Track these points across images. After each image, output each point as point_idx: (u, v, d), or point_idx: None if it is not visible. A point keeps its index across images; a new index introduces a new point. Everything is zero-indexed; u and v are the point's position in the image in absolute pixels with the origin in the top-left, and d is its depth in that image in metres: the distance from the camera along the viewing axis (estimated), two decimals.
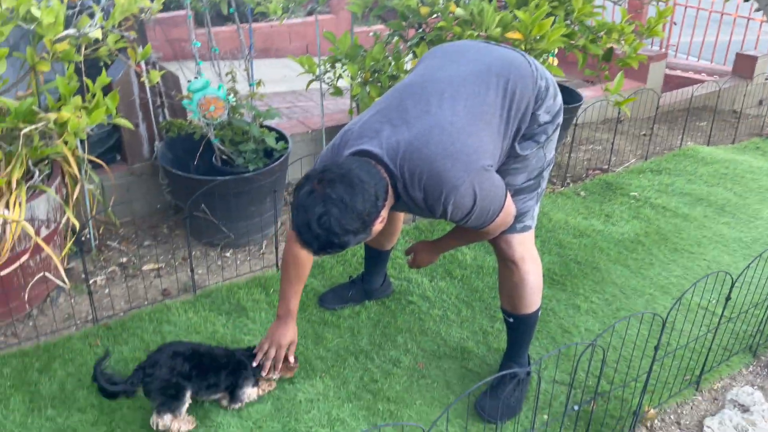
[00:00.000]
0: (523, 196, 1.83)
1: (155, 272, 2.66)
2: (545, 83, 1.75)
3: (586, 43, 2.86)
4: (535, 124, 1.74)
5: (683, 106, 4.96)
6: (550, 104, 1.76)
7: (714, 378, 2.17)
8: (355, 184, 1.51)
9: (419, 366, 2.18)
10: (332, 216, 1.49)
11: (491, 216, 1.68)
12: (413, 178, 1.59)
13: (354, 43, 2.82)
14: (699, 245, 2.95)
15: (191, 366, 1.85)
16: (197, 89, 2.58)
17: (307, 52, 6.70)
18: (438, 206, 1.60)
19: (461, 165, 1.57)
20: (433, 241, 2.09)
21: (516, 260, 1.88)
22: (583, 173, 3.72)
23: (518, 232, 1.85)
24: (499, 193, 1.66)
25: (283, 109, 4.68)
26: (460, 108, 1.63)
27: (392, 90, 1.75)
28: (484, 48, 1.80)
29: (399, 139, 1.60)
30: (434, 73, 1.72)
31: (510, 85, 1.69)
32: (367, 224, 1.55)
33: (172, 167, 2.71)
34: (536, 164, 1.80)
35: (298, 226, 1.54)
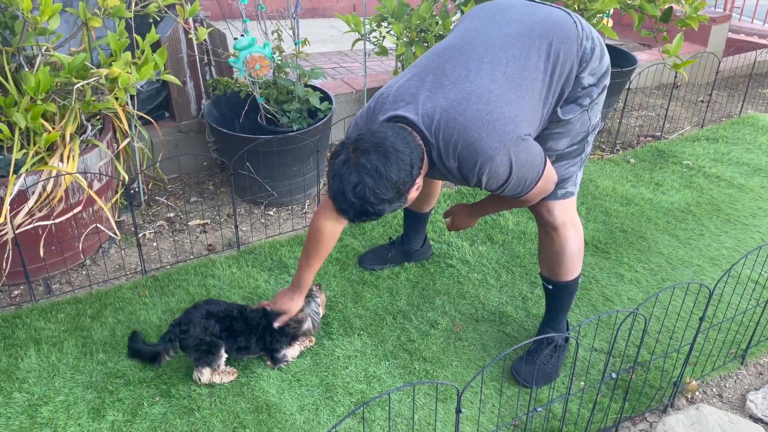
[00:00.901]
0: (565, 161, 1.78)
1: (201, 228, 2.73)
2: (591, 44, 1.67)
3: (642, 2, 2.73)
4: (579, 87, 1.68)
5: (745, 72, 4.71)
6: (595, 66, 1.68)
7: (760, 352, 2.11)
8: (390, 153, 1.50)
9: (456, 328, 2.19)
10: (367, 185, 1.49)
11: (528, 185, 1.64)
12: (448, 146, 1.57)
13: (401, 2, 2.77)
14: (754, 217, 2.84)
15: (223, 327, 1.90)
16: (243, 47, 2.59)
17: (354, 11, 6.62)
18: (472, 176, 1.58)
19: (497, 135, 1.53)
20: (472, 204, 2.06)
21: (557, 227, 1.83)
22: (633, 140, 3.60)
23: (559, 198, 1.80)
24: (537, 162, 1.61)
25: (329, 69, 4.66)
26: (500, 74, 1.58)
27: (430, 52, 1.70)
28: (527, 7, 1.72)
29: (435, 105, 1.57)
30: (474, 36, 1.66)
31: (553, 48, 1.62)
32: (402, 193, 1.55)
33: (218, 125, 2.75)
34: (580, 128, 1.74)
35: (334, 195, 1.54)
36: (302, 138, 2.66)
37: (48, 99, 2.13)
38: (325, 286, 2.35)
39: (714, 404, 1.94)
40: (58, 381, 1.93)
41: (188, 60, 2.88)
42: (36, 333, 2.10)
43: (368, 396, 1.92)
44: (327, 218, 1.88)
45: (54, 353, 2.02)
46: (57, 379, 1.94)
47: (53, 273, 2.39)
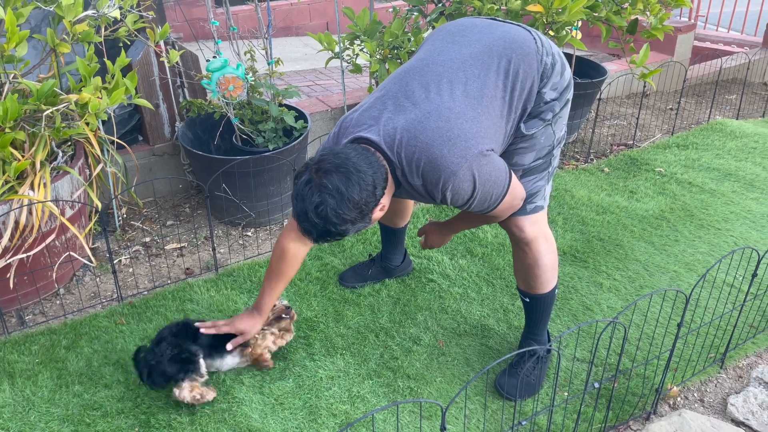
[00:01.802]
0: (533, 176, 1.79)
1: (178, 251, 2.70)
2: (551, 60, 1.71)
3: (609, 14, 2.78)
4: (541, 102, 1.71)
5: (711, 79, 4.83)
6: (556, 81, 1.71)
7: (739, 356, 2.13)
8: (352, 174, 1.51)
9: (439, 343, 2.18)
10: (329, 206, 1.50)
11: (495, 200, 1.66)
12: (411, 164, 1.58)
13: (373, 20, 2.79)
14: (726, 221, 2.89)
15: (195, 336, 1.92)
16: (216, 69, 2.59)
17: (327, 29, 6.65)
18: (437, 192, 1.60)
19: (458, 150, 1.55)
20: (444, 222, 2.08)
21: (529, 241, 1.85)
22: (606, 149, 3.66)
23: (529, 213, 1.82)
24: (501, 176, 1.63)
25: (304, 87, 4.67)
26: (459, 92, 1.61)
27: (393, 76, 1.73)
28: (487, 26, 1.75)
29: (396, 125, 1.59)
30: (435, 57, 1.69)
31: (513, 66, 1.65)
32: (365, 213, 1.56)
33: (192, 147, 2.73)
34: (545, 142, 1.76)
35: (298, 215, 1.56)
36: (278, 157, 2.65)
37: (17, 127, 2.10)
38: (306, 305, 2.33)
39: (696, 409, 1.95)
40: (33, 415, 1.88)
41: (160, 83, 2.86)
42: (9, 366, 2.04)
43: (352, 417, 1.90)
44: (291, 239, 1.88)
45: (29, 386, 1.97)
46: (32, 413, 1.89)
47: (26, 304, 2.33)
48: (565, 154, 3.56)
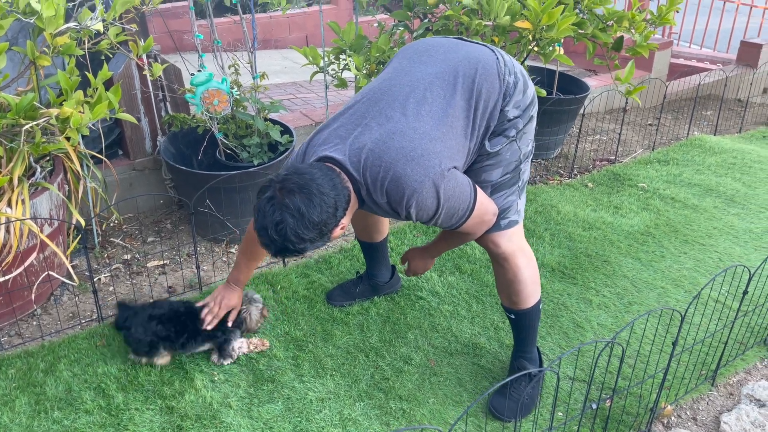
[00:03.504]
0: (503, 192, 1.81)
1: (160, 269, 2.62)
2: (513, 78, 1.74)
3: (595, 31, 2.80)
4: (505, 119, 1.74)
5: (688, 95, 4.92)
6: (519, 99, 1.74)
7: (729, 373, 2.14)
8: (314, 195, 1.54)
9: (431, 363, 2.14)
10: (288, 225, 1.53)
11: (462, 216, 1.69)
12: (375, 183, 1.61)
13: (359, 34, 2.77)
14: (710, 237, 2.92)
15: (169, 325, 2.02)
16: (200, 83, 2.53)
17: (306, 42, 6.63)
18: (401, 209, 1.63)
19: (422, 169, 1.58)
20: (424, 246, 2.11)
21: (507, 257, 1.85)
22: (590, 164, 3.68)
23: (504, 229, 1.83)
24: (464, 192, 1.66)
25: (285, 100, 4.63)
26: (424, 112, 1.64)
27: (359, 95, 1.75)
28: (452, 46, 1.78)
29: (362, 145, 1.62)
30: (401, 77, 1.72)
31: (476, 86, 1.69)
32: (324, 233, 1.59)
33: (175, 162, 2.66)
34: (511, 158, 1.78)
35: (258, 229, 1.58)
36: (264, 173, 2.60)
37: None
38: (293, 325, 2.28)
39: (689, 428, 1.95)
40: None
41: (142, 96, 2.80)
42: None
43: None
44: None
45: (5, 413, 1.88)
46: None
47: (1, 325, 2.24)
48: (549, 170, 3.58)
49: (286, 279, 2.50)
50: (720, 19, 6.04)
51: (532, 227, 2.90)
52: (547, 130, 3.53)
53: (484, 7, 2.57)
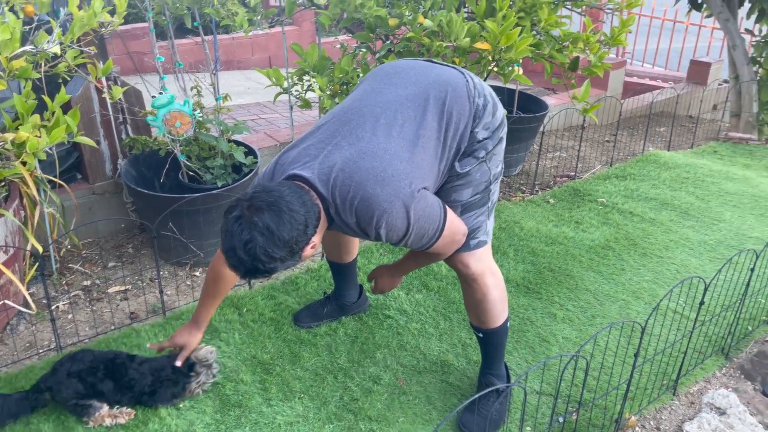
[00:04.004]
0: (473, 212, 1.83)
1: (121, 295, 2.57)
2: (483, 101, 1.76)
3: (552, 52, 2.89)
4: (474, 141, 1.76)
5: (642, 113, 5.08)
6: (488, 121, 1.77)
7: (690, 382, 2.20)
8: (283, 213, 1.51)
9: (399, 382, 2.14)
10: (258, 244, 1.49)
11: (432, 237, 1.69)
12: (345, 203, 1.60)
13: (322, 56, 2.79)
14: (667, 249, 3.00)
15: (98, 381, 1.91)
16: (162, 105, 2.51)
17: (270, 63, 6.63)
18: (371, 230, 1.62)
19: (391, 190, 1.58)
20: (393, 264, 2.10)
21: (476, 277, 1.87)
22: (550, 180, 3.76)
23: (472, 249, 1.84)
24: (434, 213, 1.67)
25: (249, 121, 4.61)
26: (395, 133, 1.65)
27: (330, 114, 1.75)
28: (423, 68, 1.80)
29: (332, 164, 1.61)
30: (373, 98, 1.73)
31: (447, 108, 1.71)
32: (295, 251, 1.56)
33: (136, 185, 2.62)
34: (481, 178, 1.80)
35: (225, 251, 1.54)
36: (228, 195, 2.58)
37: None
38: (260, 348, 2.25)
39: None
40: None
41: (102, 119, 2.76)
42: None
43: None
44: (225, 264, 1.86)
45: None
46: None
47: None
48: (511, 186, 3.64)
49: (252, 301, 2.47)
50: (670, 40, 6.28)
51: (497, 243, 2.94)
52: (509, 147, 3.59)
53: (445, 29, 2.62)
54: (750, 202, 3.52)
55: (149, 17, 2.64)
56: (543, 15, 2.78)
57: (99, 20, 2.20)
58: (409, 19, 2.74)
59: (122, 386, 1.92)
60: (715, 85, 5.41)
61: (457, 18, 2.59)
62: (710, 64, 5.49)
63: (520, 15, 2.81)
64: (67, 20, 2.25)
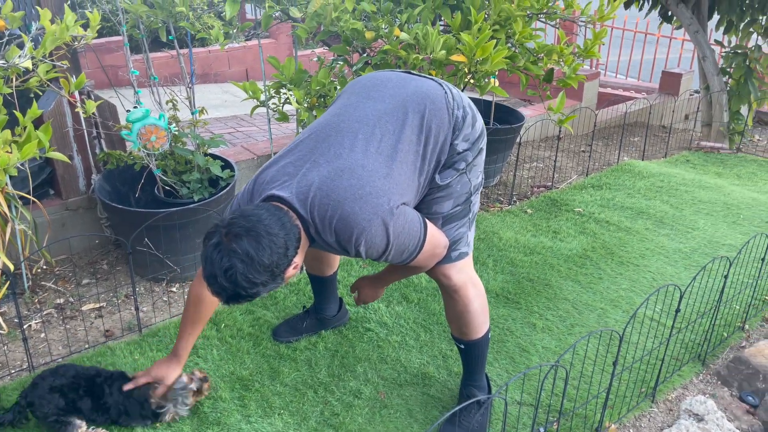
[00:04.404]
0: (454, 223, 1.83)
1: (96, 312, 2.52)
2: (462, 112, 1.76)
3: (527, 64, 2.92)
4: (454, 153, 1.76)
5: (616, 123, 5.16)
6: (468, 132, 1.77)
7: (668, 389, 2.22)
8: (262, 237, 1.50)
9: (380, 396, 2.13)
10: (238, 270, 1.48)
11: (412, 251, 1.69)
12: (324, 222, 1.59)
13: (298, 69, 2.79)
14: (643, 257, 3.04)
15: (76, 398, 1.86)
16: (137, 119, 2.48)
17: (246, 76, 6.61)
18: (351, 248, 1.61)
19: (370, 207, 1.57)
20: (375, 275, 2.09)
21: (457, 289, 1.86)
22: (528, 191, 3.79)
23: (454, 261, 1.84)
24: (414, 228, 1.67)
25: (226, 134, 4.58)
26: (373, 149, 1.64)
27: (307, 130, 1.74)
28: (401, 81, 1.79)
29: (310, 183, 1.61)
30: (351, 113, 1.72)
31: (426, 120, 1.70)
32: (277, 275, 1.55)
33: (111, 200, 2.58)
34: (461, 190, 1.80)
35: (207, 278, 1.53)
36: (205, 209, 2.55)
37: None
38: (239, 364, 2.22)
39: None
40: None
41: (75, 134, 2.72)
42: None
43: None
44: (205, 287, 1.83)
45: None
46: None
47: None
48: (489, 197, 3.66)
49: (230, 317, 2.44)
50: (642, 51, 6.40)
51: (476, 254, 2.95)
52: (486, 158, 3.60)
53: (421, 42, 2.64)
54: (722, 210, 3.58)
55: (123, 31, 2.62)
56: (517, 28, 2.81)
57: (71, 34, 2.18)
58: (386, 32, 2.76)
59: (100, 406, 1.88)
60: (687, 95, 5.52)
61: (433, 31, 2.61)
62: (681, 75, 5.60)
63: (495, 28, 2.85)
64: (39, 34, 2.23)
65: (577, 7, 3.03)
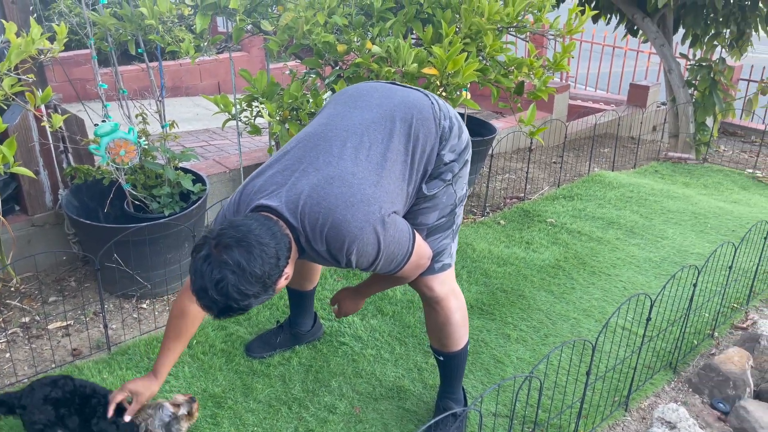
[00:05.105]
0: (438, 235, 1.83)
1: (63, 331, 2.45)
2: (449, 123, 1.77)
3: (498, 77, 2.96)
4: (441, 163, 1.76)
5: (586, 134, 5.24)
6: (454, 143, 1.78)
7: (640, 397, 2.24)
8: (253, 247, 1.47)
9: (355, 410, 2.11)
10: (230, 282, 1.45)
11: (400, 261, 1.68)
12: (315, 230, 1.57)
13: (271, 81, 2.77)
14: (614, 267, 3.08)
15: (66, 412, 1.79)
16: (105, 133, 2.44)
17: (218, 89, 6.57)
18: (342, 257, 1.59)
19: (362, 215, 1.56)
20: (356, 287, 2.07)
21: (439, 300, 1.86)
22: (501, 202, 3.82)
23: (437, 272, 1.84)
24: (404, 238, 1.66)
25: (197, 148, 4.53)
26: (363, 157, 1.63)
27: (295, 140, 1.73)
28: (387, 91, 1.79)
29: (300, 191, 1.59)
30: (338, 122, 1.71)
31: (413, 130, 1.71)
32: (269, 286, 1.52)
33: (78, 216, 2.53)
34: (447, 201, 1.81)
35: (196, 291, 1.49)
36: (176, 223, 2.51)
37: None
38: (211, 381, 2.18)
39: None
40: None
41: (41, 148, 2.66)
42: None
43: None
44: (192, 300, 1.77)
45: None
46: None
47: None
48: (463, 209, 3.68)
49: (202, 333, 2.40)
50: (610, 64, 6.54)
51: None
52: None
53: (393, 55, 2.65)
54: (690, 219, 3.66)
55: (91, 44, 2.58)
56: (488, 41, 2.84)
57: (38, 47, 2.14)
58: (358, 45, 2.77)
59: (87, 429, 1.81)
60: (654, 107, 5.64)
61: (405, 44, 2.63)
62: (648, 87, 5.73)
63: (466, 41, 2.87)
64: (4, 47, 2.18)
65: (546, 21, 3.08)
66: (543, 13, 2.98)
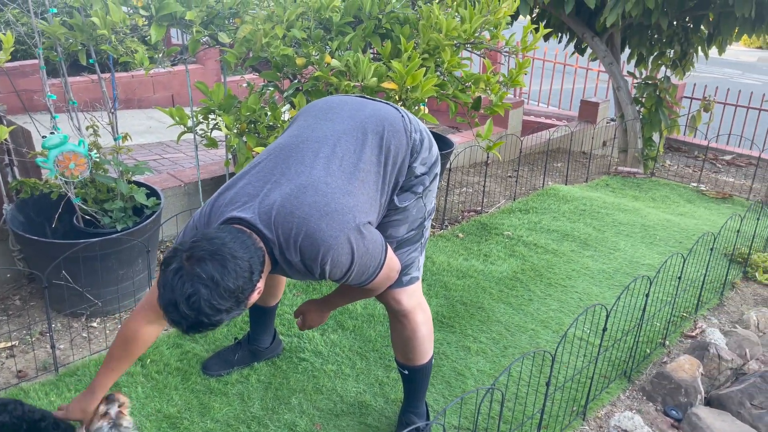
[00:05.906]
0: (407, 248, 1.83)
1: (7, 352, 2.34)
2: (419, 136, 1.79)
3: (455, 92, 2.99)
4: (413, 176, 1.77)
5: (541, 149, 5.36)
6: (425, 156, 1.79)
7: (597, 406, 2.27)
8: (227, 261, 1.43)
9: (316, 427, 2.07)
10: (202, 297, 1.40)
11: (372, 273, 1.67)
12: (288, 240, 1.55)
13: (228, 94, 2.74)
14: (570, 278, 3.14)
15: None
16: (54, 145, 2.36)
17: (172, 102, 6.45)
18: (315, 267, 1.57)
19: (336, 224, 1.55)
20: (322, 299, 2.04)
21: (407, 313, 1.86)
22: (459, 215, 3.86)
23: (405, 285, 1.84)
24: (377, 249, 1.66)
25: (151, 161, 4.43)
26: (335, 167, 1.63)
27: (265, 152, 1.71)
28: (358, 104, 1.80)
29: (272, 202, 1.56)
30: (309, 133, 1.70)
31: (385, 141, 1.71)
32: (241, 300, 1.48)
33: (24, 232, 2.43)
34: (417, 215, 1.82)
35: (165, 306, 1.43)
36: (128, 239, 2.44)
37: None
38: (166, 400, 2.11)
39: None
40: None
41: None
42: None
43: None
44: (148, 321, 1.72)
45: None
46: None
47: None
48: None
49: (156, 351, 2.33)
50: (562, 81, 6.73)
51: None
52: None
53: (352, 69, 2.66)
54: (640, 231, 3.77)
55: (39, 53, 2.49)
56: (446, 56, 2.88)
57: None
58: (317, 58, 2.76)
59: None
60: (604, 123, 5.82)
61: (364, 58, 2.64)
62: (599, 104, 5.91)
63: (425, 56, 2.91)
64: None
65: (502, 38, 3.14)
66: (499, 30, 3.04)
